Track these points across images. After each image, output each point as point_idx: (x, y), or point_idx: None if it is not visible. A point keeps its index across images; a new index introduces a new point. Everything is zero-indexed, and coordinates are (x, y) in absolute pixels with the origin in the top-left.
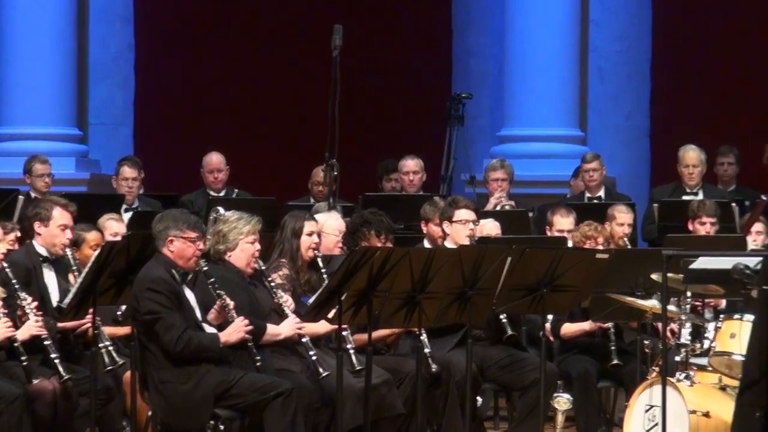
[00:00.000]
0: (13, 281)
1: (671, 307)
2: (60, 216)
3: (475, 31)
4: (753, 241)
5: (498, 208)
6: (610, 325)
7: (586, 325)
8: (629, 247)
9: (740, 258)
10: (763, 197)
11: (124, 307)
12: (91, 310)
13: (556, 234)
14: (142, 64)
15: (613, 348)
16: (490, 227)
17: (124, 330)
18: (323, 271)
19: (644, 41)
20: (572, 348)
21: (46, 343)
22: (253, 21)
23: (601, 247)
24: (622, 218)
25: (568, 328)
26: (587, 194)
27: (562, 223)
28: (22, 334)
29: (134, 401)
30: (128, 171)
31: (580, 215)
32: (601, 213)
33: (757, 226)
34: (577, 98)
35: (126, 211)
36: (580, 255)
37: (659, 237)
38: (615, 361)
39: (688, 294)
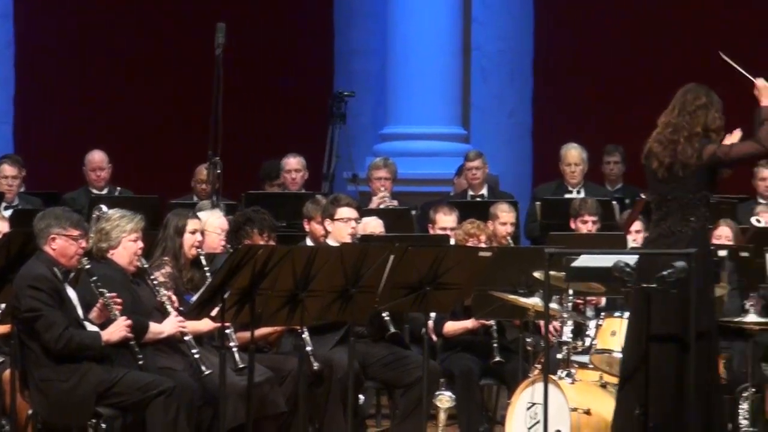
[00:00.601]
0: None
1: (553, 305)
2: None
3: (358, 29)
4: (633, 239)
5: (381, 206)
6: (492, 322)
7: (469, 323)
8: (512, 245)
9: (621, 256)
10: (642, 195)
11: (3, 306)
12: None
13: (439, 232)
14: (21, 61)
15: (495, 345)
16: (374, 225)
17: (3, 328)
18: (206, 269)
19: (526, 40)
20: (455, 346)
21: None
22: (136, 18)
23: (483, 245)
24: (504, 217)
25: (451, 326)
26: (470, 192)
27: (445, 221)
28: None
29: (14, 400)
30: (8, 169)
31: (462, 213)
32: (484, 211)
33: (637, 225)
34: (460, 97)
35: (6, 209)
36: (462, 253)
37: (542, 235)
38: (497, 359)
39: (570, 292)
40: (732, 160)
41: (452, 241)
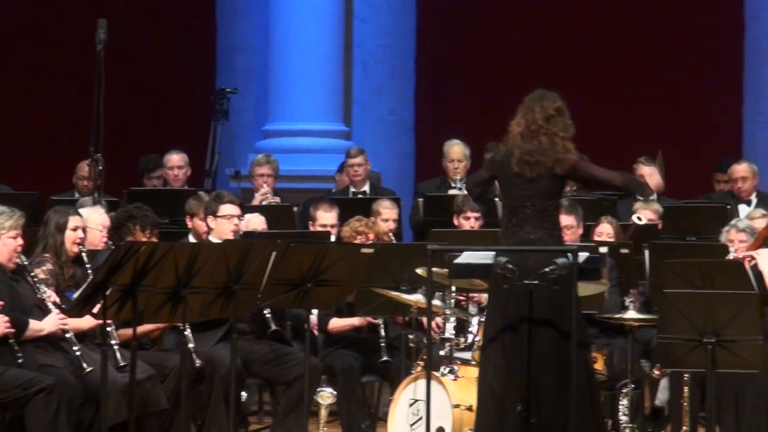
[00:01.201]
0: None
1: (436, 302)
2: None
3: (240, 25)
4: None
5: (263, 203)
6: (380, 320)
7: (356, 320)
8: (394, 241)
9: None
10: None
11: None
12: None
13: (319, 229)
14: None
15: (383, 344)
16: (257, 222)
17: None
18: (88, 266)
19: (409, 37)
20: (337, 342)
21: None
22: (16, 13)
23: (375, 242)
24: (386, 213)
25: (337, 323)
26: (352, 189)
27: (325, 218)
28: None
29: None
30: None
31: (344, 210)
32: (366, 208)
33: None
34: (342, 93)
35: None
36: (344, 250)
37: (425, 231)
38: (385, 358)
39: (453, 288)
40: (587, 177)
41: (332, 238)
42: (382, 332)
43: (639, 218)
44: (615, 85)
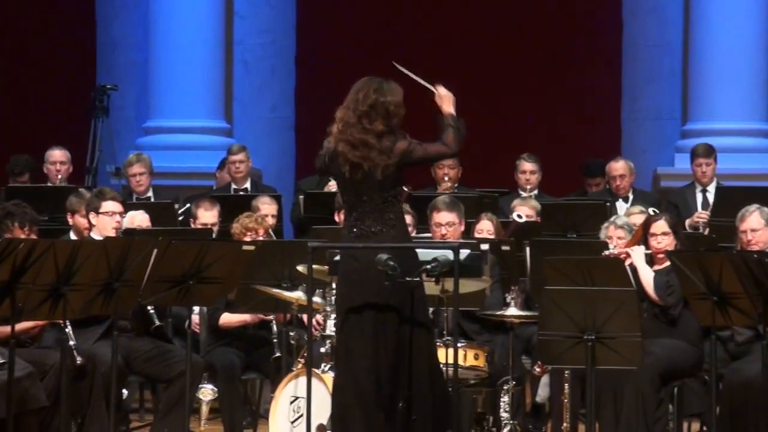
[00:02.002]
0: None
1: (317, 299)
2: None
3: (120, 21)
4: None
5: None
6: (272, 317)
7: (248, 317)
8: (274, 238)
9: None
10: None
11: None
12: None
13: (200, 226)
14: None
15: (275, 341)
16: (140, 219)
17: None
18: None
19: (289, 35)
20: (220, 339)
21: None
22: None
23: (262, 239)
24: (266, 209)
25: (228, 319)
26: (233, 186)
27: (206, 215)
28: None
29: None
30: None
31: (226, 207)
32: (247, 205)
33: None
34: (222, 90)
35: None
36: (226, 247)
37: (306, 228)
38: (277, 354)
39: (334, 285)
40: (422, 158)
41: (213, 235)
42: (274, 328)
43: (519, 216)
44: (494, 80)
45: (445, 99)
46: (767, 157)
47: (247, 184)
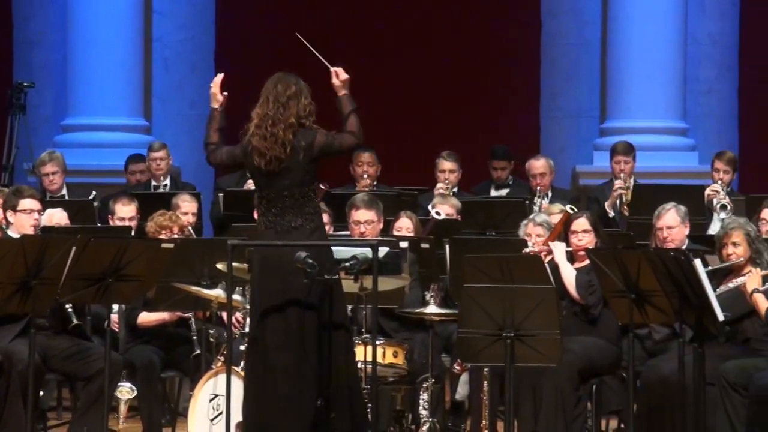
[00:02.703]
0: None
1: (236, 297)
2: None
3: (37, 18)
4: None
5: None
6: (190, 314)
7: (166, 315)
8: (194, 236)
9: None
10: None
11: None
12: None
13: (118, 223)
14: None
15: (195, 338)
16: (59, 216)
17: None
18: None
19: (208, 32)
20: (139, 337)
21: None
22: None
23: (180, 237)
24: (185, 207)
25: (147, 317)
26: (153, 183)
27: (124, 211)
28: None
29: None
30: None
31: (145, 204)
32: (167, 202)
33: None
34: (141, 87)
35: None
36: (145, 245)
37: (225, 226)
38: (197, 351)
39: None
40: (337, 151)
41: (133, 233)
42: (193, 326)
43: (438, 213)
44: (413, 78)
45: (344, 82)
46: (684, 155)
47: (167, 181)
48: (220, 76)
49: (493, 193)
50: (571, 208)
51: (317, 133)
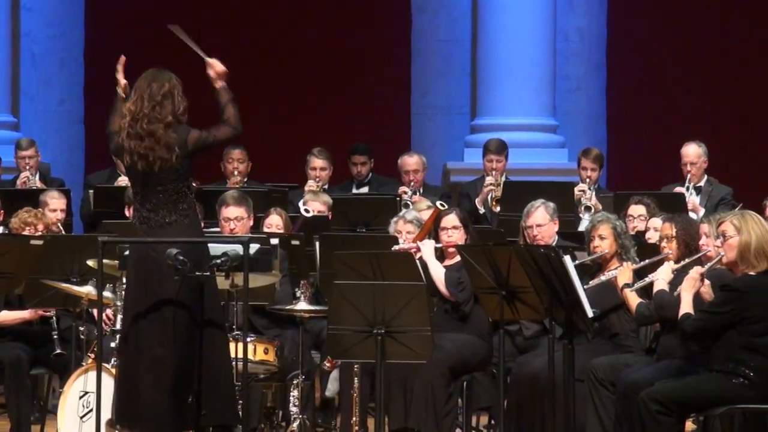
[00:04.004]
0: None
1: (107, 294)
2: None
3: None
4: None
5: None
6: (52, 312)
7: (26, 313)
8: (63, 233)
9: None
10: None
11: None
12: None
13: None
14: None
15: (55, 337)
16: None
17: None
18: None
19: (77, 28)
20: (6, 335)
21: None
22: None
23: (51, 234)
24: (54, 204)
25: (7, 316)
26: (20, 180)
27: None
28: None
29: None
30: None
31: (13, 201)
32: (35, 199)
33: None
34: (9, 83)
35: None
36: (13, 241)
37: (95, 223)
38: (58, 351)
39: (124, 280)
40: (213, 144)
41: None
42: (55, 324)
43: (306, 210)
44: (283, 74)
45: (220, 73)
46: (554, 152)
47: (36, 178)
48: (122, 59)
49: (355, 190)
50: (441, 204)
51: (190, 129)
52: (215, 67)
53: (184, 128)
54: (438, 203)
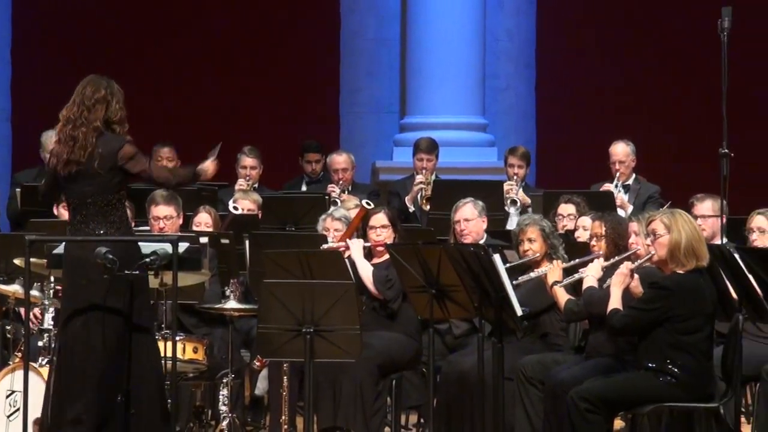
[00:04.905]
0: None
1: (34, 292)
2: None
3: None
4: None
5: None
6: None
7: None
8: None
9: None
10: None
11: None
12: None
13: None
14: None
15: None
16: None
17: None
18: None
19: (4, 26)
20: None
21: None
22: None
23: None
24: None
25: None
26: None
27: None
28: None
29: None
30: None
31: None
32: None
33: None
34: None
35: None
36: None
37: (23, 221)
38: None
39: (52, 279)
40: (142, 172)
41: None
42: None
43: (235, 208)
44: (214, 72)
45: (208, 174)
46: (483, 151)
47: None
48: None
49: (304, 188)
50: (366, 203)
51: (126, 143)
52: (208, 170)
53: (117, 139)
54: (364, 202)
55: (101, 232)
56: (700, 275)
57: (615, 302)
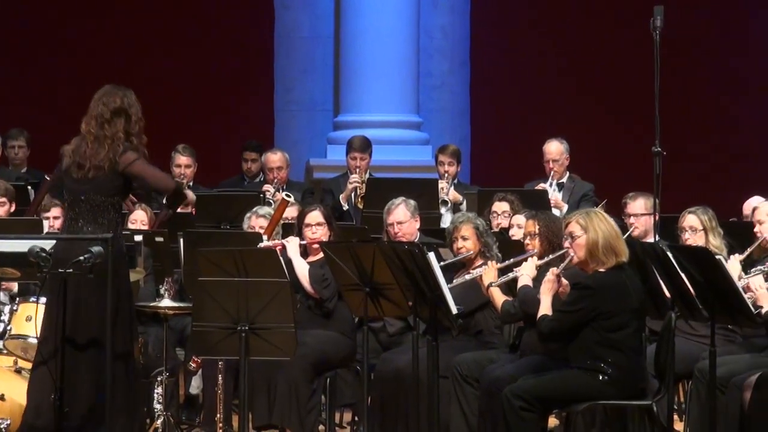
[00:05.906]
0: None
1: None
2: None
3: None
4: (50, 225)
5: None
6: None
7: None
8: None
9: (36, 241)
10: (47, 177)
11: None
12: None
13: None
14: None
15: None
16: None
17: None
18: None
19: None
20: None
21: None
22: None
23: None
24: None
25: None
26: None
27: None
28: None
29: None
30: None
31: None
32: None
33: (55, 211)
34: None
35: None
36: None
37: None
38: None
39: None
40: (141, 177)
41: None
42: None
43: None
44: (145, 72)
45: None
46: (418, 149)
47: None
48: None
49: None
50: (287, 195)
51: (129, 150)
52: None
53: (131, 147)
54: (284, 194)
55: (88, 230)
56: (622, 271)
57: (544, 309)
